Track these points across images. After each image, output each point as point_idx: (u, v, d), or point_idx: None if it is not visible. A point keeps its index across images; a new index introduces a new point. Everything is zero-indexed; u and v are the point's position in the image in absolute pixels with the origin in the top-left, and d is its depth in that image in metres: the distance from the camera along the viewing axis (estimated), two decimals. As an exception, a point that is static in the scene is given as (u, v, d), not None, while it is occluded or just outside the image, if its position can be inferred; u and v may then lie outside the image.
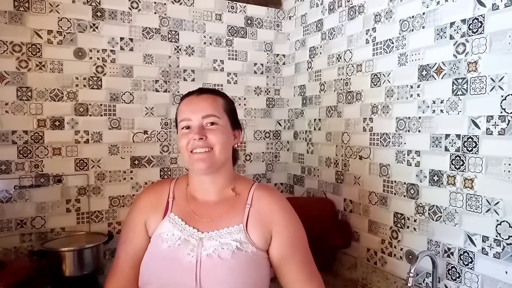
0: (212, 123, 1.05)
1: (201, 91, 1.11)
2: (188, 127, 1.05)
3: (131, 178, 2.08)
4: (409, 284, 1.31)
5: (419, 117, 1.57)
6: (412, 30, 1.60)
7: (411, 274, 1.32)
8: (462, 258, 1.40)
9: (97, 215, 2.01)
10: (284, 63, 2.49)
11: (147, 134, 2.11)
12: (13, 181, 1.82)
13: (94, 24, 1.97)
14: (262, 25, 2.41)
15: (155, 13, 2.11)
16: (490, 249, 1.31)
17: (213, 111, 1.05)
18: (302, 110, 2.37)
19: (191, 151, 1.03)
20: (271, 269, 1.08)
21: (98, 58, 1.99)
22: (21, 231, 1.84)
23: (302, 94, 2.36)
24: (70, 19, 1.92)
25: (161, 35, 2.13)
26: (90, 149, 1.99)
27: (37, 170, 1.88)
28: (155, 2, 2.11)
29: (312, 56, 2.26)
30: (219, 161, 1.04)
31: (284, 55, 2.49)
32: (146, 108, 2.10)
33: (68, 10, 1.91)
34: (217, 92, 1.14)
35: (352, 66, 1.94)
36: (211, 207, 1.07)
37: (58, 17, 1.90)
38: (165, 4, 2.13)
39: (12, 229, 1.83)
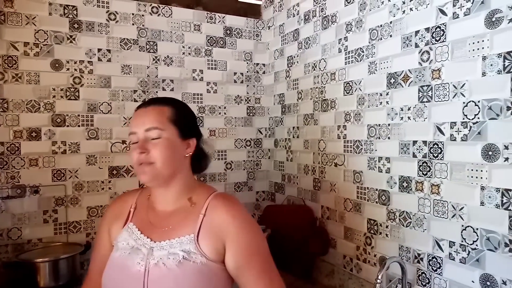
0: (155, 138, 1.03)
1: (149, 102, 1.10)
2: (136, 141, 1.05)
3: (110, 188, 2.08)
4: (376, 290, 1.32)
5: (388, 124, 1.59)
6: (381, 39, 1.62)
7: (378, 281, 1.33)
8: (431, 264, 1.41)
9: (75, 225, 2.01)
10: (264, 72, 2.52)
11: (125, 144, 2.12)
12: (-12, 193, 1.82)
13: (71, 36, 1.99)
14: (242, 35, 2.44)
15: (133, 24, 2.13)
16: (457, 254, 1.32)
17: (155, 124, 1.04)
18: (281, 118, 2.39)
19: (137, 165, 1.04)
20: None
21: (75, 69, 2.01)
22: (-4, 242, 1.84)
23: (282, 102, 2.38)
24: (47, 31, 1.94)
25: (139, 46, 2.15)
26: (67, 160, 1.99)
27: (14, 181, 1.88)
28: (133, 14, 2.13)
29: (290, 65, 2.28)
30: (162, 174, 1.03)
31: (264, 64, 2.52)
32: (124, 118, 2.12)
33: (44, 23, 1.93)
34: (166, 101, 1.11)
35: (327, 74, 1.96)
36: (167, 217, 1.07)
37: (35, 29, 1.91)
38: (143, 15, 2.16)
39: (-13, 241, 1.83)
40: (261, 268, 1.04)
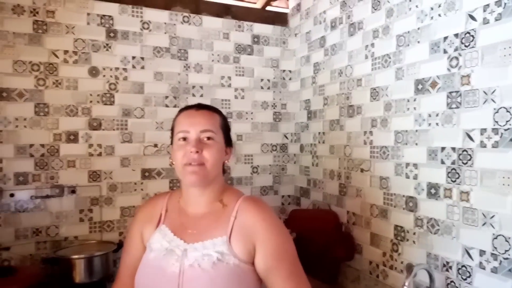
0: (209, 138, 1.08)
1: (200, 106, 1.15)
2: (184, 139, 1.09)
3: (142, 189, 2.17)
4: (403, 296, 1.32)
5: (416, 130, 1.59)
6: (408, 45, 1.63)
7: (405, 287, 1.33)
8: (460, 273, 1.39)
9: (108, 224, 2.10)
10: (290, 79, 2.56)
11: (157, 147, 2.20)
12: (30, 192, 1.93)
13: (107, 44, 2.10)
14: (269, 42, 2.49)
15: (165, 33, 2.22)
16: (487, 264, 1.30)
17: (211, 127, 1.09)
18: (307, 124, 2.41)
19: (185, 164, 1.07)
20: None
21: (111, 76, 2.11)
22: (36, 239, 1.95)
23: (307, 108, 2.40)
24: (85, 39, 2.05)
25: (171, 54, 2.24)
26: (103, 162, 2.09)
27: (53, 181, 1.99)
28: (165, 23, 2.22)
29: (316, 72, 2.31)
30: (210, 175, 1.08)
31: (290, 71, 2.55)
32: (157, 122, 2.20)
33: (83, 32, 2.04)
34: (215, 109, 1.18)
35: (353, 81, 1.98)
36: (199, 219, 1.11)
37: (74, 38, 2.03)
38: (174, 24, 2.24)
39: (28, 237, 1.93)
40: (289, 271, 1.06)
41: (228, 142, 1.18)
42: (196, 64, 2.29)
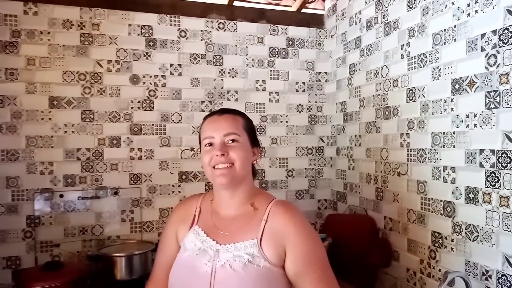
0: (233, 140, 1.12)
1: (222, 111, 1.19)
2: (210, 144, 1.13)
3: (179, 192, 2.25)
4: (436, 306, 1.26)
5: (454, 132, 1.51)
6: (444, 44, 1.56)
7: (438, 295, 1.27)
8: (500, 282, 1.31)
9: (148, 225, 2.20)
10: (326, 81, 2.53)
11: (194, 151, 2.27)
12: (77, 193, 2.08)
13: (147, 53, 2.21)
14: (304, 45, 2.49)
15: (201, 40, 2.29)
16: (529, 273, 1.21)
17: (233, 130, 1.13)
18: (343, 126, 2.37)
19: (213, 167, 1.11)
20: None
21: (150, 83, 2.21)
22: (82, 237, 2.09)
23: (344, 110, 2.37)
24: (127, 49, 2.17)
25: (207, 60, 2.30)
26: (143, 165, 2.20)
27: (97, 183, 2.12)
28: (201, 30, 2.29)
29: (352, 73, 2.27)
30: (239, 176, 1.11)
31: (326, 73, 2.53)
32: (193, 127, 2.27)
33: (124, 42, 2.17)
34: (237, 112, 1.21)
35: (389, 81, 1.92)
36: (231, 221, 1.13)
37: (116, 48, 2.15)
38: (210, 31, 2.31)
39: (75, 235, 2.08)
40: (319, 275, 1.05)
41: (255, 142, 1.20)
42: (231, 69, 2.34)
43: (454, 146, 1.51)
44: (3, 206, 1.99)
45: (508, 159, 1.28)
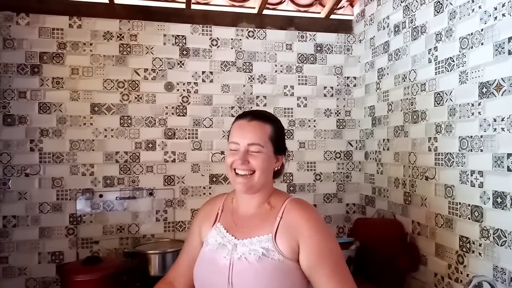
0: (256, 151, 1.17)
1: (252, 117, 1.21)
2: (235, 149, 1.20)
3: (210, 193, 2.34)
4: (460, 309, 1.26)
5: (481, 136, 1.50)
6: (472, 47, 1.56)
7: (462, 299, 1.27)
8: (529, 288, 1.29)
9: (180, 224, 2.30)
10: (355, 85, 2.55)
11: (224, 154, 2.36)
12: (115, 193, 2.22)
13: (181, 61, 2.32)
14: (332, 50, 2.53)
15: (232, 48, 2.39)
16: (559, 279, 1.19)
17: (258, 140, 1.17)
18: (372, 131, 2.38)
19: (235, 170, 1.18)
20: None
21: (184, 90, 2.33)
22: (120, 235, 2.22)
23: (372, 114, 2.38)
24: (162, 58, 2.30)
25: (237, 67, 2.39)
26: (176, 168, 2.31)
27: (134, 185, 2.25)
28: (231, 39, 2.39)
29: (380, 77, 2.28)
30: (257, 184, 1.17)
31: (355, 77, 2.55)
32: (223, 131, 2.36)
33: (160, 51, 2.30)
34: (268, 119, 1.23)
35: (417, 85, 1.92)
36: (249, 218, 1.21)
37: (152, 57, 2.29)
38: (240, 39, 2.40)
39: (113, 233, 2.21)
40: (332, 269, 1.09)
41: (279, 150, 1.23)
42: (260, 75, 2.42)
43: (481, 150, 1.50)
44: (49, 204, 2.16)
45: (536, 163, 1.27)
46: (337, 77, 2.53)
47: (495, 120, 1.44)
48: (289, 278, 1.10)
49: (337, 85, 2.53)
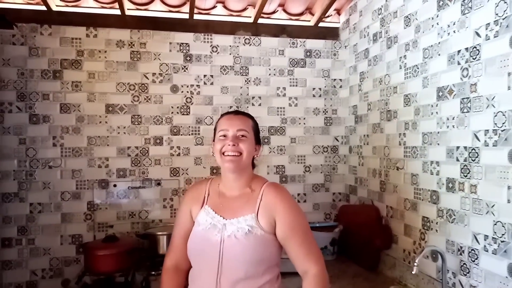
0: (243, 136, 1.41)
1: (237, 112, 1.49)
2: (224, 136, 1.42)
3: (211, 184, 2.63)
4: (413, 272, 1.57)
5: (438, 132, 1.80)
6: (431, 57, 1.85)
7: (415, 264, 1.57)
8: (470, 256, 1.59)
9: (185, 211, 2.60)
10: (340, 87, 2.84)
11: (223, 149, 2.65)
12: (127, 183, 2.52)
13: (184, 66, 2.62)
14: (320, 55, 2.81)
15: (230, 54, 2.68)
16: (490, 246, 1.49)
17: (244, 127, 1.42)
18: (354, 127, 2.68)
19: (223, 153, 1.39)
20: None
21: (187, 92, 2.62)
22: (131, 220, 2.52)
23: (355, 113, 2.67)
24: (168, 63, 2.59)
25: (235, 71, 2.68)
26: (181, 161, 2.61)
27: (144, 176, 2.55)
28: (230, 45, 2.68)
29: (361, 80, 2.57)
30: (243, 164, 1.41)
31: (340, 80, 2.84)
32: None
33: (166, 57, 2.59)
34: (248, 115, 1.50)
35: (390, 88, 2.22)
36: (234, 200, 1.44)
37: (160, 63, 2.58)
38: (237, 46, 2.69)
39: (126, 219, 2.51)
40: (301, 239, 1.36)
41: (258, 141, 1.49)
42: (255, 78, 2.71)
43: (438, 144, 1.80)
44: (69, 193, 2.46)
45: (475, 154, 1.56)
46: (325, 79, 2.82)
47: (448, 119, 1.73)
48: (268, 249, 1.36)
49: (325, 87, 2.82)
